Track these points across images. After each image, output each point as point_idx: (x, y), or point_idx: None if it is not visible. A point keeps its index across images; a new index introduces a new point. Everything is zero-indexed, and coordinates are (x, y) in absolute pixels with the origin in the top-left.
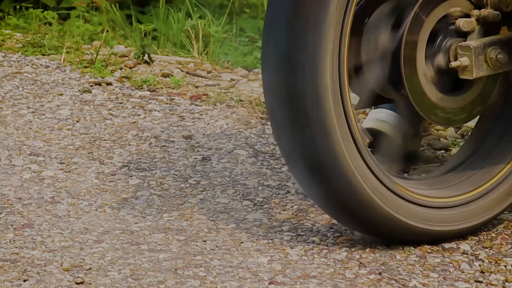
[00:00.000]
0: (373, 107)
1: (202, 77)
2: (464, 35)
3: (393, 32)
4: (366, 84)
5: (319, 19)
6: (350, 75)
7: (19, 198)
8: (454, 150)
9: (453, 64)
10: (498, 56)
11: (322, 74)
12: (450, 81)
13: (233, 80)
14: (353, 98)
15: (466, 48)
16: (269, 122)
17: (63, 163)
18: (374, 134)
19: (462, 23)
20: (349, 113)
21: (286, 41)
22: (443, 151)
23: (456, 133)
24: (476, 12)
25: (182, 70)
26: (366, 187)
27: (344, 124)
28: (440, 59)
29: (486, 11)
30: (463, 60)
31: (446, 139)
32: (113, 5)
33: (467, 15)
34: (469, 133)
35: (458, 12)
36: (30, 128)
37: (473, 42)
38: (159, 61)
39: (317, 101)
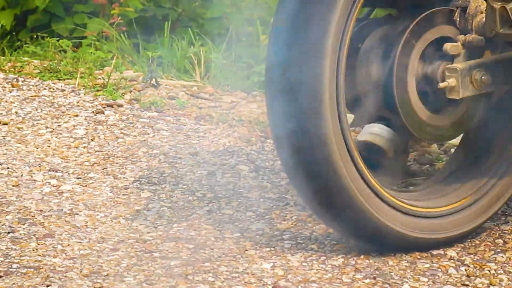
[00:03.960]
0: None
1: (205, 99)
2: (451, 58)
3: (385, 56)
4: (361, 104)
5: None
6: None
7: (40, 210)
8: (438, 165)
9: (441, 85)
10: (483, 77)
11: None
12: (438, 101)
13: (233, 102)
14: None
15: (453, 70)
16: (268, 140)
17: (80, 178)
18: (368, 147)
19: (449, 47)
20: (344, 126)
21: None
22: (428, 165)
23: (439, 149)
24: (461, 37)
25: (186, 93)
26: (362, 199)
27: (340, 136)
28: (429, 81)
29: (471, 37)
30: (451, 81)
31: (431, 155)
32: (121, 34)
33: (454, 40)
34: (454, 148)
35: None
36: (49, 146)
37: (460, 64)
38: (165, 85)
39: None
